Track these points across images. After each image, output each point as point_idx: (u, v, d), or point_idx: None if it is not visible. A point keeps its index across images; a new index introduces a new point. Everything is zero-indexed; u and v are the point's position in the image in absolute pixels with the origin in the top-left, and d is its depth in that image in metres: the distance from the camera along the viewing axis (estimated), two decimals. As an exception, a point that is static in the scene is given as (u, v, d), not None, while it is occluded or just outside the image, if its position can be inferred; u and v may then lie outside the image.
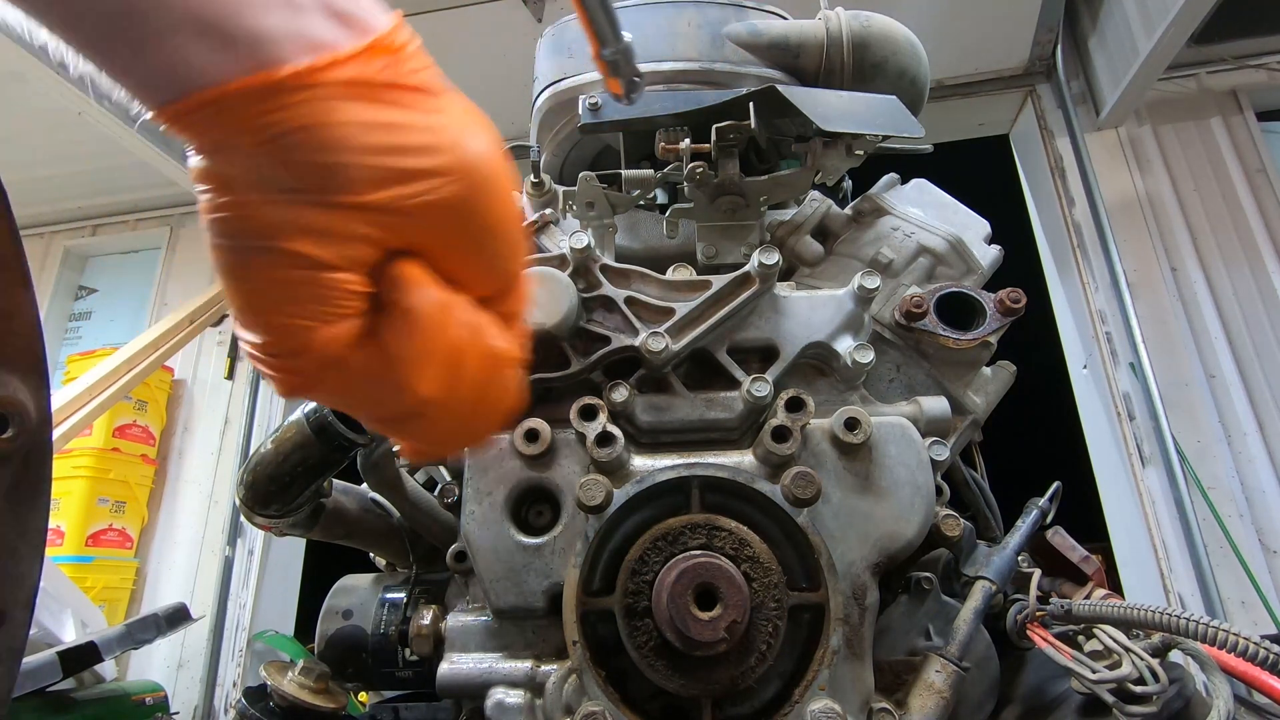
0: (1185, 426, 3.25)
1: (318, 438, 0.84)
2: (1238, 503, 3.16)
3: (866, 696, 0.78)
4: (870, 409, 0.95)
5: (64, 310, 4.87)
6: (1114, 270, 3.45)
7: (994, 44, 3.85)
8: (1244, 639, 0.64)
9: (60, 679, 1.85)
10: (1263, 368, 3.34)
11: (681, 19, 1.15)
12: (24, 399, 0.40)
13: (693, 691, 0.77)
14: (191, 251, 4.75)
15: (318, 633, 1.04)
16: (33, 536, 0.41)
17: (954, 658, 0.80)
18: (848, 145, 1.06)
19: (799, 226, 1.18)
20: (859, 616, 0.81)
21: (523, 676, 0.84)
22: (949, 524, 0.90)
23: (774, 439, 0.84)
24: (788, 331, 0.96)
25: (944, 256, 1.13)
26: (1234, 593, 3.01)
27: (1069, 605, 0.84)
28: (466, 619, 0.89)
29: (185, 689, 3.78)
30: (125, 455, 3.95)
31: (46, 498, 0.42)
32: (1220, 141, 3.73)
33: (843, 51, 1.17)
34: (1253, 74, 3.78)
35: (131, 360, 3.62)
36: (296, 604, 4.22)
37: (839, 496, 0.85)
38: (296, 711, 0.98)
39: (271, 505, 0.89)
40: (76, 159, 4.44)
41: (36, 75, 3.24)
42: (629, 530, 0.85)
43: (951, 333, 1.00)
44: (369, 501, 1.09)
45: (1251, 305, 3.44)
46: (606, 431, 0.85)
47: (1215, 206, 3.63)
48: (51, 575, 2.58)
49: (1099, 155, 3.71)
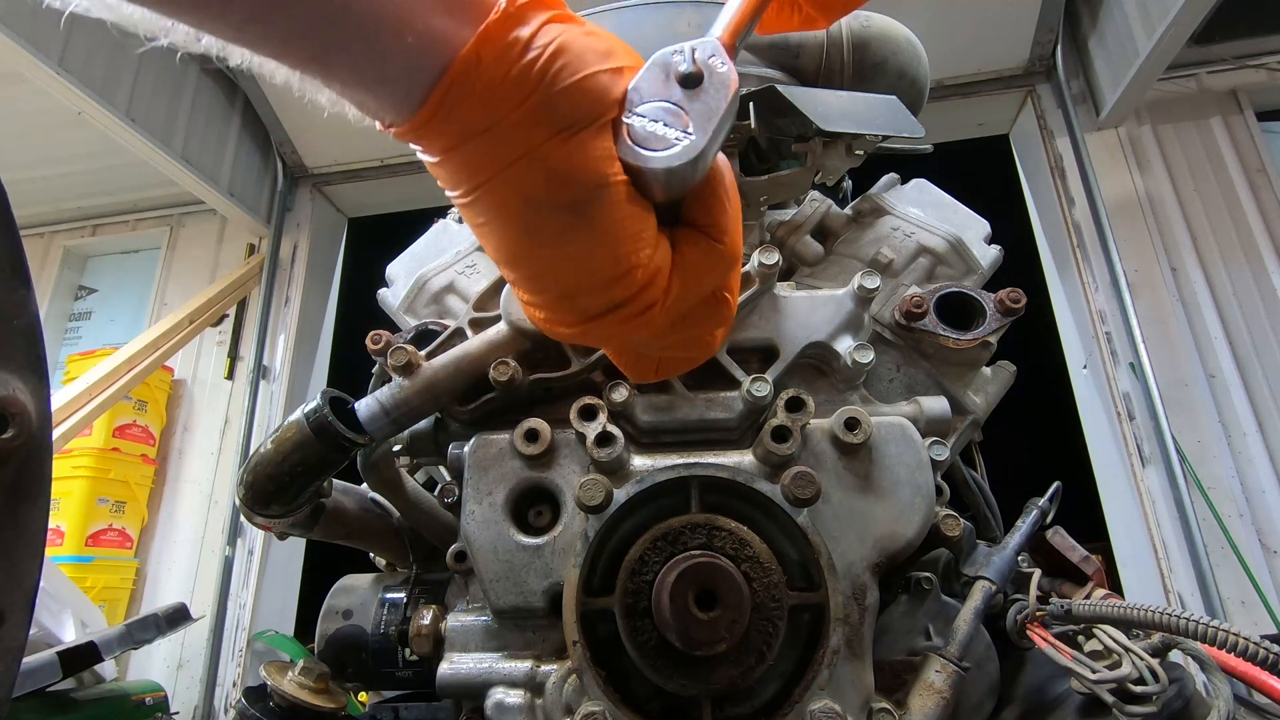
0: (1185, 426, 3.25)
1: (318, 438, 0.84)
2: (1238, 503, 3.16)
3: (866, 696, 0.78)
4: (870, 409, 0.95)
5: (64, 310, 4.87)
6: (1114, 270, 3.45)
7: (994, 44, 3.85)
8: (1244, 639, 0.64)
9: (60, 679, 1.85)
10: (1263, 368, 3.34)
11: (681, 19, 1.15)
12: (24, 399, 0.40)
13: (693, 691, 0.77)
14: (191, 251, 4.76)
15: (318, 633, 1.04)
16: (32, 536, 0.41)
17: (954, 658, 0.80)
18: (848, 145, 1.06)
19: (799, 226, 1.18)
20: (859, 616, 0.81)
21: (523, 676, 0.84)
22: (949, 524, 0.89)
23: (774, 439, 0.84)
24: (788, 331, 0.96)
25: (944, 256, 1.13)
26: (1234, 593, 3.01)
27: (1069, 605, 0.84)
28: (466, 619, 0.89)
29: (185, 689, 3.78)
30: (125, 455, 3.95)
31: (46, 498, 0.42)
32: (1220, 141, 3.73)
33: (842, 51, 1.17)
34: (1253, 74, 3.78)
35: (131, 360, 3.62)
36: (296, 604, 4.23)
37: (839, 496, 0.85)
38: (296, 711, 0.98)
39: (271, 505, 0.89)
40: (76, 159, 4.45)
41: (36, 75, 3.23)
42: (629, 530, 0.85)
43: (951, 333, 1.00)
44: (369, 501, 1.08)
45: (1251, 305, 3.44)
46: (606, 431, 0.85)
47: (1215, 206, 3.63)
48: (51, 575, 2.58)
49: (1099, 155, 3.71)
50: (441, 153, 0.42)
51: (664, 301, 0.47)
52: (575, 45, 0.42)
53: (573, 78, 0.41)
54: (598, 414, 0.87)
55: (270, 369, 4.31)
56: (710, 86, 0.47)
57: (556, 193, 0.42)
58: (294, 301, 4.45)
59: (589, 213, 0.43)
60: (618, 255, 0.44)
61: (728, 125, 0.47)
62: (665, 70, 0.47)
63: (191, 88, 4.09)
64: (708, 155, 0.46)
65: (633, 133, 0.45)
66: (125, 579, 3.94)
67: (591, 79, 0.42)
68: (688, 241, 0.48)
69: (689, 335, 0.53)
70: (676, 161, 0.44)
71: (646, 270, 0.45)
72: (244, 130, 4.47)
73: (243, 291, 4.48)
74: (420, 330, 1.11)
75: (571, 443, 0.89)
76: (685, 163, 0.45)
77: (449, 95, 0.40)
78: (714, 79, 0.47)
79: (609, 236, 0.43)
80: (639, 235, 0.44)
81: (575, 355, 0.95)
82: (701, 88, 0.46)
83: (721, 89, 0.47)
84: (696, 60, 0.47)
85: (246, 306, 4.51)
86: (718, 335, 0.55)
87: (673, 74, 0.47)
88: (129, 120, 3.65)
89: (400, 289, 1.26)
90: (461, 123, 0.40)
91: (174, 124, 3.97)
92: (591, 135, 0.42)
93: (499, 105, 0.40)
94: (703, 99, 0.46)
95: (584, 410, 0.88)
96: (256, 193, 4.57)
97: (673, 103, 0.46)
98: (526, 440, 0.88)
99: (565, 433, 0.89)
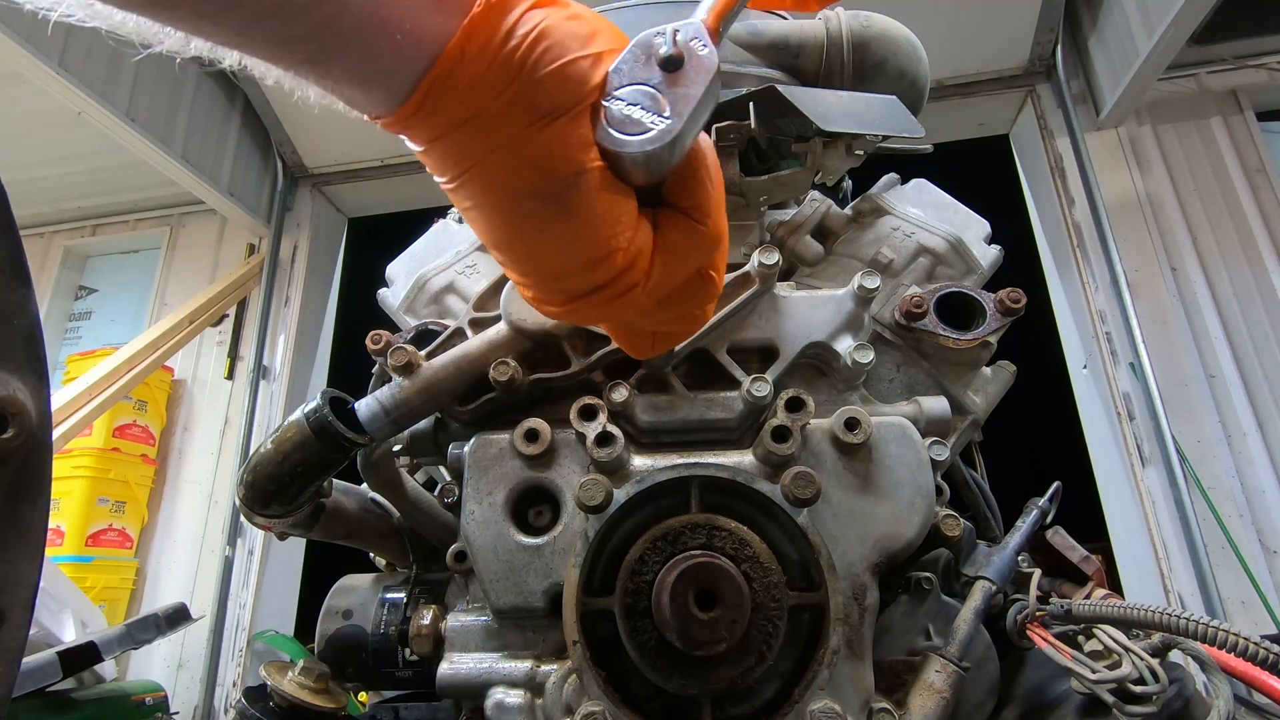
0: (1185, 426, 3.25)
1: (318, 438, 0.84)
2: (1238, 503, 3.16)
3: (866, 696, 0.78)
4: (870, 409, 0.95)
5: (64, 310, 4.87)
6: (1114, 270, 3.45)
7: (994, 44, 3.85)
8: (1244, 639, 0.64)
9: (60, 679, 1.85)
10: (1263, 368, 3.34)
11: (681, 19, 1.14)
12: (24, 399, 0.40)
13: (693, 691, 0.77)
14: (191, 251, 4.76)
15: (318, 633, 1.04)
16: (33, 536, 0.41)
17: (954, 658, 0.80)
18: (848, 145, 1.06)
19: (799, 226, 1.18)
20: (859, 616, 0.81)
21: (523, 676, 0.84)
22: (949, 524, 0.89)
23: (774, 439, 0.84)
24: (788, 331, 0.96)
25: (944, 256, 1.13)
26: (1234, 593, 3.01)
27: (1069, 605, 0.84)
28: (466, 619, 0.89)
29: (185, 689, 3.78)
30: (125, 455, 3.95)
31: (46, 498, 0.42)
32: (1220, 141, 3.73)
33: (843, 51, 1.17)
34: (1253, 74, 3.78)
35: (131, 360, 3.63)
36: (296, 604, 4.23)
37: (839, 496, 0.85)
38: (296, 711, 0.98)
39: (271, 505, 0.89)
40: (76, 159, 4.45)
41: (35, 75, 3.23)
42: (629, 530, 0.85)
43: (951, 333, 1.00)
44: (369, 501, 1.08)
45: (1251, 305, 3.44)
46: (606, 431, 0.85)
47: (1215, 206, 3.63)
48: (51, 575, 2.58)
49: (1099, 155, 3.71)
50: (426, 142, 0.44)
51: (646, 283, 0.48)
52: (556, 31, 0.43)
53: (550, 66, 0.42)
54: (598, 414, 0.87)
55: (270, 369, 4.31)
56: (690, 69, 0.46)
57: (535, 181, 0.43)
58: (294, 301, 4.45)
59: (567, 199, 0.44)
60: (597, 240, 0.45)
61: (708, 108, 0.47)
62: (647, 52, 0.47)
63: (191, 88, 4.09)
64: (684, 139, 0.46)
65: (610, 117, 0.45)
66: (125, 579, 3.94)
67: (569, 66, 0.43)
68: (669, 223, 0.49)
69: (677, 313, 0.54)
70: (650, 146, 0.44)
71: (626, 254, 0.46)
72: (244, 130, 4.47)
73: (243, 291, 4.48)
74: (420, 330, 1.11)
75: (571, 443, 0.89)
76: (660, 147, 0.45)
77: (432, 91, 0.41)
78: (694, 62, 0.46)
79: (587, 222, 0.44)
80: (618, 220, 0.45)
81: (575, 355, 0.95)
82: (682, 71, 0.46)
83: (701, 72, 0.46)
84: (678, 42, 0.47)
85: (246, 306, 4.51)
86: (707, 310, 0.56)
87: (654, 56, 0.46)
88: (129, 120, 3.65)
89: (400, 289, 1.26)
90: (445, 115, 0.42)
91: (174, 124, 3.97)
92: (568, 122, 0.43)
93: (480, 97, 0.41)
94: (682, 82, 0.46)
95: (584, 410, 0.88)
96: (256, 193, 4.58)
97: (652, 86, 0.46)
98: (526, 440, 0.88)
99: (565, 433, 0.89)
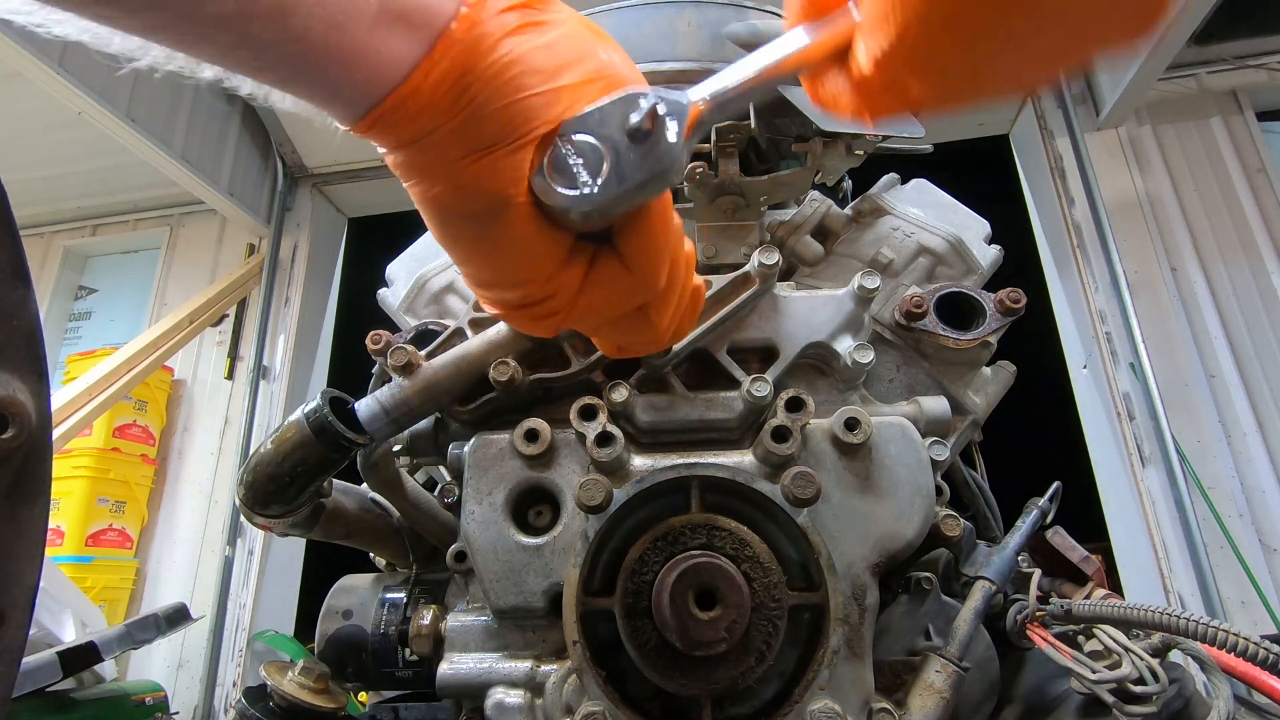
0: (1185, 426, 3.25)
1: (318, 438, 0.84)
2: (1238, 503, 3.16)
3: (866, 696, 0.78)
4: (870, 409, 0.95)
5: (64, 310, 4.87)
6: (1114, 270, 3.45)
7: (994, 44, 3.84)
8: (1244, 639, 0.64)
9: (60, 679, 1.85)
10: (1263, 368, 3.34)
11: (681, 19, 1.15)
12: (24, 399, 0.40)
13: (693, 691, 0.77)
14: (191, 251, 4.76)
15: (318, 633, 1.04)
16: (32, 536, 0.41)
17: (954, 658, 0.80)
18: (848, 145, 1.06)
19: (799, 226, 1.18)
20: (859, 616, 0.81)
21: (523, 676, 0.84)
22: (949, 524, 0.89)
23: (774, 439, 0.84)
24: (788, 331, 0.96)
25: (944, 256, 1.13)
26: (1234, 593, 3.01)
27: (1069, 605, 0.84)
28: (466, 619, 0.89)
29: (185, 689, 3.78)
30: (125, 455, 3.95)
31: (46, 498, 0.42)
32: (1220, 141, 3.73)
33: (843, 51, 1.16)
34: (1253, 74, 3.78)
35: (131, 360, 3.63)
36: (296, 604, 4.23)
37: (839, 496, 0.85)
38: (296, 711, 0.98)
39: (271, 505, 0.89)
40: (76, 159, 4.45)
41: (36, 75, 3.23)
42: (629, 530, 0.85)
43: (951, 333, 1.00)
44: (369, 501, 1.08)
45: (1251, 305, 3.44)
46: (606, 431, 0.85)
47: (1215, 206, 3.63)
48: (51, 575, 2.58)
49: (1099, 155, 3.71)
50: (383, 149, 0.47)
51: (569, 311, 0.51)
52: (518, 65, 0.43)
53: (499, 102, 0.43)
54: (598, 414, 0.87)
55: (270, 369, 4.31)
56: (648, 151, 0.44)
57: (460, 204, 0.46)
58: (294, 301, 4.45)
59: (488, 225, 0.46)
60: (515, 266, 0.48)
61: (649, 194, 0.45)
62: (626, 108, 0.44)
63: (191, 88, 4.09)
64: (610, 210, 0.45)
65: (554, 159, 0.44)
66: (125, 579, 3.94)
67: (518, 104, 0.43)
68: (604, 263, 0.50)
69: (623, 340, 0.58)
70: (568, 205, 0.44)
71: (543, 286, 0.49)
72: (244, 130, 4.47)
73: (243, 291, 4.48)
74: (420, 330, 1.11)
75: (571, 443, 0.89)
76: (577, 211, 0.44)
77: (383, 116, 0.43)
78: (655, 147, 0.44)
79: (506, 250, 0.47)
80: (539, 253, 0.47)
81: (575, 355, 0.95)
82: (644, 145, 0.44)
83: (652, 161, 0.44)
84: (656, 115, 0.44)
85: (246, 306, 4.51)
86: (663, 330, 0.58)
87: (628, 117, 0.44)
88: (129, 120, 3.65)
89: (400, 289, 1.26)
90: (395, 134, 0.44)
91: (174, 124, 3.97)
92: (506, 155, 0.44)
93: (427, 122, 0.43)
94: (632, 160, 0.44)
95: (584, 410, 0.88)
96: (256, 193, 4.57)
97: (607, 144, 0.44)
98: (526, 440, 0.88)
99: (565, 433, 0.89)
